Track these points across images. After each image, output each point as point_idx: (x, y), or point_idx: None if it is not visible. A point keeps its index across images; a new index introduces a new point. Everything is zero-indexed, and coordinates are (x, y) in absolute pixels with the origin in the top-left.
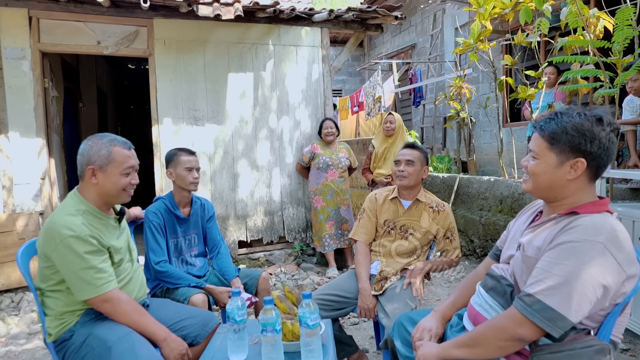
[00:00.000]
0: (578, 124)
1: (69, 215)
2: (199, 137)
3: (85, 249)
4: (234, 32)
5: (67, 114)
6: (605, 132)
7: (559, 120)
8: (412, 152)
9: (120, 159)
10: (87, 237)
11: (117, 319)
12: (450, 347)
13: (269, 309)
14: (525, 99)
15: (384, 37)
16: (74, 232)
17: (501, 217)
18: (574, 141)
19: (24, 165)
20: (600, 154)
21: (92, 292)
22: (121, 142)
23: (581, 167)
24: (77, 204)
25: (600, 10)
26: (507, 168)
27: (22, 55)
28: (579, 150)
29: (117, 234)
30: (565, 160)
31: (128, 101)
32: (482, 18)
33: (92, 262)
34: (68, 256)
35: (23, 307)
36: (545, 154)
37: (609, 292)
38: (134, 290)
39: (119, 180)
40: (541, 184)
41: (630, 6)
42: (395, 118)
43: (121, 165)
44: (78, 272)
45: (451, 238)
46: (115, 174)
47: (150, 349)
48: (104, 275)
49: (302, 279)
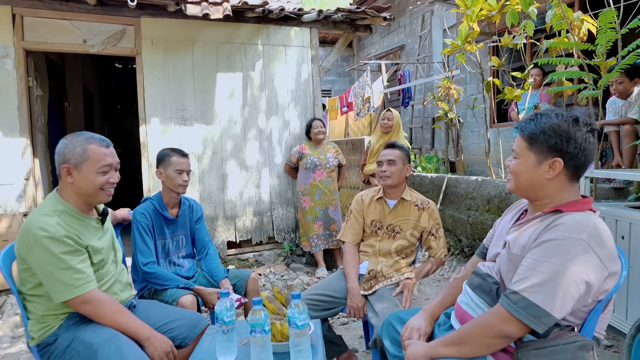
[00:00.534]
0: (555, 124)
1: (44, 216)
2: (188, 137)
3: (61, 249)
4: (222, 32)
5: (52, 113)
6: (582, 133)
7: (538, 121)
8: (392, 152)
9: (95, 157)
10: (62, 238)
11: (98, 320)
12: (438, 346)
13: (258, 310)
14: (512, 100)
15: (373, 38)
16: (49, 232)
17: (489, 217)
18: (550, 141)
19: (7, 166)
20: (577, 154)
21: (70, 293)
22: (98, 139)
23: (558, 166)
24: (55, 204)
25: (584, 14)
26: (495, 168)
27: (5, 53)
28: (555, 150)
29: (99, 234)
30: (543, 159)
31: (115, 101)
32: (470, 20)
33: (69, 262)
34: (43, 257)
35: (6, 310)
36: (525, 154)
37: (592, 289)
38: (119, 292)
39: (95, 179)
40: (522, 183)
41: (613, 9)
42: (394, 115)
43: (97, 163)
44: (55, 273)
45: (437, 235)
46: (91, 172)
47: (138, 350)
48: (82, 276)
49: (291, 279)
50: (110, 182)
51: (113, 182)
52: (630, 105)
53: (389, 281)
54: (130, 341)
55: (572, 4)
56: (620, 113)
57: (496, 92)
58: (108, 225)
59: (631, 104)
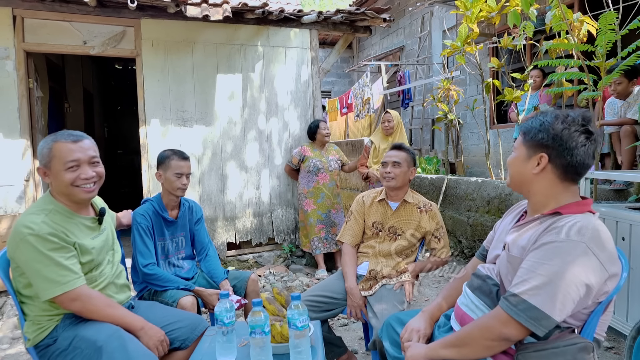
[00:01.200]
0: (546, 121)
1: (30, 215)
2: (187, 138)
3: (46, 246)
4: (222, 33)
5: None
6: (569, 131)
7: (536, 119)
8: (398, 154)
9: (60, 154)
10: (46, 235)
11: (90, 316)
12: (438, 348)
13: (258, 311)
14: (512, 101)
15: (372, 39)
16: (33, 230)
17: (488, 218)
18: (538, 136)
19: (7, 167)
20: (562, 152)
21: (57, 289)
22: (64, 135)
23: (543, 161)
24: (45, 203)
25: (584, 15)
26: (494, 169)
27: (5, 55)
28: (541, 145)
29: (93, 234)
30: (532, 154)
31: (115, 102)
32: (469, 21)
33: (56, 259)
34: (29, 255)
35: (6, 311)
36: (519, 147)
37: (592, 291)
38: (114, 295)
39: (64, 177)
40: (514, 176)
41: (613, 11)
42: (393, 116)
43: (63, 159)
44: (41, 270)
45: (439, 237)
46: (60, 170)
47: (140, 345)
48: (69, 272)
49: (291, 280)
50: (82, 178)
51: (85, 177)
52: (630, 106)
53: (387, 280)
54: (133, 337)
55: (571, 5)
56: (620, 114)
57: (496, 93)
58: (106, 226)
59: (630, 105)
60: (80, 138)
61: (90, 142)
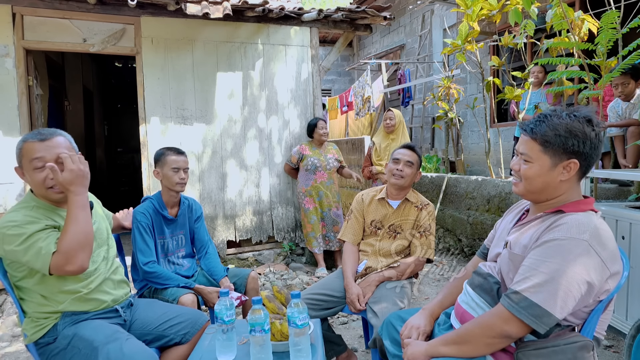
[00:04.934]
0: (570, 125)
1: (10, 212)
2: (187, 136)
3: (29, 230)
4: (222, 31)
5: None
6: (595, 132)
7: (549, 123)
8: (412, 155)
9: (26, 153)
10: (25, 224)
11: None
12: (438, 345)
13: (258, 309)
14: (512, 100)
15: (373, 38)
16: (14, 221)
17: (489, 217)
18: (567, 143)
19: (7, 165)
20: (592, 154)
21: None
22: (33, 134)
23: (574, 167)
24: (27, 201)
25: (585, 13)
26: (495, 168)
27: (5, 52)
28: (572, 151)
29: None
30: (558, 162)
31: (115, 100)
32: (470, 19)
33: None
34: (13, 240)
35: (6, 309)
36: (539, 157)
37: (593, 289)
38: (111, 291)
39: (32, 176)
40: (535, 186)
41: (615, 11)
42: (395, 114)
43: (29, 159)
44: (32, 246)
45: (424, 234)
46: (29, 170)
47: (138, 345)
48: (56, 236)
49: (291, 278)
50: (51, 179)
51: (52, 178)
52: (635, 107)
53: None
54: (131, 337)
55: (572, 3)
56: (625, 115)
57: (496, 91)
58: (95, 219)
59: (635, 106)
60: (49, 136)
61: (62, 139)
